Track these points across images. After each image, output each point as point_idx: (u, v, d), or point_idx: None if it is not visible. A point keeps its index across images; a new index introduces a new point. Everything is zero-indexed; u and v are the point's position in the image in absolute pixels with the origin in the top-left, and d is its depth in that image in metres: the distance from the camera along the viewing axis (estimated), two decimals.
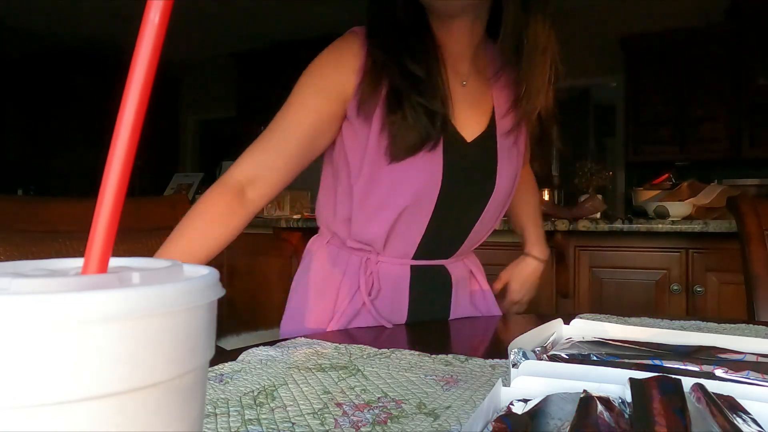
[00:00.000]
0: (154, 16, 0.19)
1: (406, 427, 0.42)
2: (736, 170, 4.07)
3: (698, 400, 0.32)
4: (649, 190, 2.49)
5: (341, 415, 0.44)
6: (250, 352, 0.62)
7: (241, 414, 0.44)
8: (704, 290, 1.96)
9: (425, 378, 0.54)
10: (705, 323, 0.79)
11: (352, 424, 0.42)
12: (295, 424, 0.42)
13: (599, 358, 0.43)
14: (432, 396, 0.49)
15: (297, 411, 0.45)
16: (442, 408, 0.46)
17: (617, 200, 4.52)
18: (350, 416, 0.44)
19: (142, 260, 0.23)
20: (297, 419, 0.43)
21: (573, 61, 4.70)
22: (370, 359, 0.60)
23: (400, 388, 0.51)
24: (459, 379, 0.53)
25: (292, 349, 0.63)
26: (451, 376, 0.54)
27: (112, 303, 0.16)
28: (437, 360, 0.60)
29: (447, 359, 0.60)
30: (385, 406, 0.46)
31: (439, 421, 0.43)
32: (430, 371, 0.56)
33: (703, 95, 4.00)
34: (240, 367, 0.57)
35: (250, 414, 0.44)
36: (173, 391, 0.19)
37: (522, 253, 1.15)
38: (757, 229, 1.15)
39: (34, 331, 0.15)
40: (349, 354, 0.62)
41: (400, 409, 0.45)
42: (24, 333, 0.15)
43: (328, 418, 0.43)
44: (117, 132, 0.19)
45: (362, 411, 0.45)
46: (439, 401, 0.47)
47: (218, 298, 0.21)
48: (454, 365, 0.59)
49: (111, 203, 0.19)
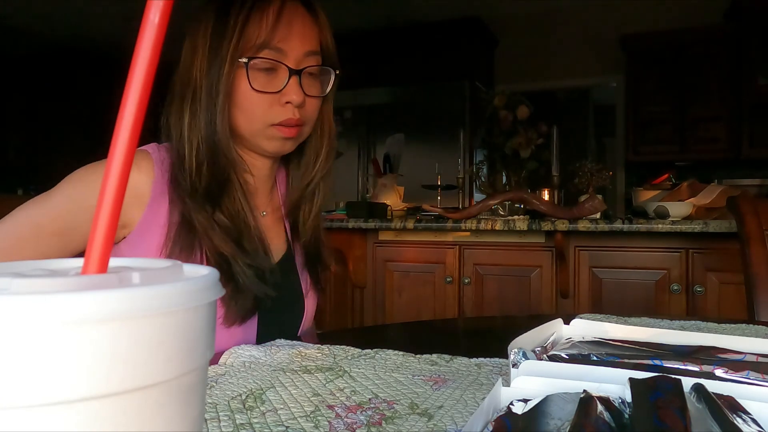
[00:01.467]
0: (154, 16, 0.19)
1: (401, 428, 0.42)
2: (736, 170, 4.07)
3: (698, 400, 0.32)
4: (649, 190, 2.49)
5: (334, 418, 0.44)
6: (232, 352, 0.62)
7: (231, 418, 0.43)
8: (704, 290, 1.96)
9: (413, 378, 0.54)
10: (705, 323, 0.79)
11: (346, 426, 0.42)
12: (288, 427, 0.42)
13: (599, 358, 0.43)
14: (422, 396, 0.49)
15: (289, 414, 0.44)
16: (434, 408, 0.46)
17: (617, 200, 4.52)
18: (344, 418, 0.43)
19: (142, 260, 0.23)
20: (290, 422, 0.43)
21: (573, 61, 4.73)
22: (355, 360, 0.60)
23: (390, 389, 0.51)
24: (447, 379, 0.53)
25: (275, 350, 0.63)
26: (438, 376, 0.55)
27: (112, 303, 0.16)
28: (422, 360, 0.60)
29: (432, 359, 0.60)
30: (377, 407, 0.46)
31: (433, 421, 0.43)
32: (417, 371, 0.56)
33: (703, 95, 4.00)
34: (224, 370, 0.56)
35: (240, 418, 0.43)
36: (173, 391, 0.19)
37: None
38: (757, 229, 1.15)
39: (34, 331, 0.15)
40: (333, 355, 0.62)
41: (393, 409, 0.45)
42: (24, 333, 0.15)
43: (322, 421, 0.43)
44: (117, 132, 0.19)
45: (355, 413, 0.45)
46: (431, 401, 0.47)
47: (218, 297, 0.21)
48: (440, 365, 0.59)
49: (111, 203, 0.19)
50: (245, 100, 0.76)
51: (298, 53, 0.77)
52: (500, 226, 2.09)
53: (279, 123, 0.77)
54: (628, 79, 4.28)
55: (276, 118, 0.77)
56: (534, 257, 2.15)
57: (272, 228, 0.87)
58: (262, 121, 0.77)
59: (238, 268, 0.74)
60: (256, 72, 0.76)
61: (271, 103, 0.76)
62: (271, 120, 0.77)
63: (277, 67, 0.76)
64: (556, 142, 2.44)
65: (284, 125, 0.77)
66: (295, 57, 0.77)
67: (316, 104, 0.81)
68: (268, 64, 0.76)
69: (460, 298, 2.24)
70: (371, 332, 0.82)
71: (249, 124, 0.78)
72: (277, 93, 0.76)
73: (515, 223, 2.07)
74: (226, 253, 0.74)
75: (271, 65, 0.76)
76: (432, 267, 2.29)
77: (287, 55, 0.76)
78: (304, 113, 0.79)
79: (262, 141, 0.79)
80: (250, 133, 0.78)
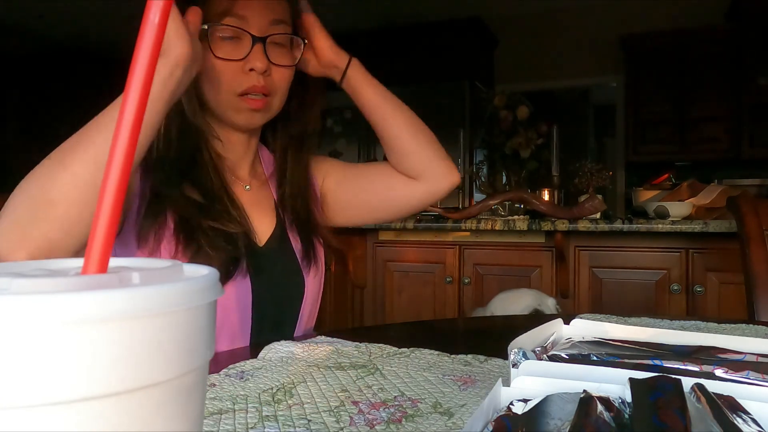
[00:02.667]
0: (154, 16, 0.19)
1: (420, 426, 0.42)
2: (736, 170, 4.07)
3: (698, 400, 0.32)
4: (649, 190, 2.49)
5: (357, 413, 0.44)
6: (271, 348, 0.63)
7: (258, 410, 0.45)
8: (704, 290, 1.96)
9: (443, 378, 0.54)
10: (705, 323, 0.79)
11: (367, 422, 0.42)
12: (311, 421, 0.43)
13: (599, 358, 0.43)
14: (448, 396, 0.49)
15: (314, 408, 0.45)
16: (457, 407, 0.46)
17: (617, 200, 4.52)
18: (365, 414, 0.44)
19: (142, 260, 0.23)
20: (313, 416, 0.44)
21: (573, 61, 4.73)
22: (389, 358, 0.60)
23: (417, 388, 0.51)
24: (477, 379, 0.53)
25: (313, 346, 0.64)
26: (469, 376, 0.54)
27: (112, 303, 0.16)
28: (456, 360, 0.60)
29: (467, 359, 0.60)
30: (401, 404, 0.46)
31: (453, 420, 0.43)
32: (449, 371, 0.56)
33: (703, 95, 4.00)
34: (261, 364, 0.58)
35: (267, 411, 0.45)
36: (173, 391, 0.19)
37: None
38: (757, 229, 1.15)
39: (34, 331, 0.15)
40: (369, 353, 0.62)
41: (416, 408, 0.46)
42: (24, 333, 0.15)
43: (344, 416, 0.44)
44: (117, 132, 0.19)
45: (378, 409, 0.45)
46: (455, 400, 0.48)
47: (218, 298, 0.21)
48: (473, 365, 0.58)
49: (111, 203, 0.19)
50: (211, 70, 0.76)
51: (263, 22, 0.77)
52: (500, 226, 2.09)
53: (244, 92, 0.77)
54: (628, 79, 4.28)
55: (240, 86, 0.76)
56: (534, 257, 2.15)
57: (259, 203, 0.85)
58: (228, 91, 0.77)
59: (201, 233, 0.74)
60: (220, 42, 0.76)
61: (236, 71, 0.76)
62: (236, 88, 0.77)
63: (241, 36, 0.76)
64: (556, 142, 2.44)
65: (251, 95, 0.77)
66: (259, 25, 0.77)
67: (286, 74, 0.81)
68: (231, 32, 0.76)
69: (460, 298, 2.24)
70: (369, 332, 0.82)
71: (216, 94, 0.78)
72: (241, 60, 0.76)
73: (515, 223, 2.07)
74: (188, 216, 0.74)
75: (234, 33, 0.76)
76: (432, 267, 2.29)
77: (249, 23, 0.76)
78: (271, 82, 0.78)
79: (231, 113, 0.79)
80: (218, 104, 0.78)
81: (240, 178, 0.85)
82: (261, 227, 0.83)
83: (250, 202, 0.83)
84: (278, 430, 0.41)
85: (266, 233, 0.83)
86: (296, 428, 0.41)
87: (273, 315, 0.82)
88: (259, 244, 0.82)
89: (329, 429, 0.41)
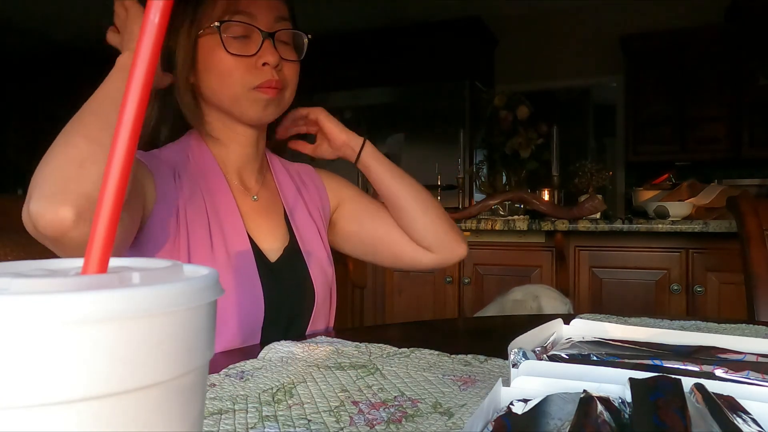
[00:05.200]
0: (154, 16, 0.19)
1: (420, 426, 0.42)
2: (736, 170, 4.07)
3: (698, 400, 0.32)
4: (649, 190, 2.49)
5: (357, 413, 0.44)
6: (271, 348, 0.63)
7: (258, 410, 0.45)
8: (704, 290, 1.96)
9: (443, 378, 0.54)
10: (705, 323, 0.79)
11: (366, 422, 0.43)
12: (311, 421, 0.43)
13: (599, 358, 0.43)
14: (448, 396, 0.49)
15: (314, 408, 0.45)
16: (457, 407, 0.46)
17: (617, 200, 4.52)
18: (365, 414, 0.44)
19: (142, 260, 0.23)
20: (313, 416, 0.44)
21: (573, 61, 4.72)
22: (389, 358, 0.61)
23: (417, 388, 0.51)
24: (477, 380, 0.53)
25: (313, 346, 0.64)
26: (469, 377, 0.54)
27: (112, 303, 0.16)
28: (456, 360, 0.60)
29: (466, 359, 0.60)
30: (401, 405, 0.47)
31: (453, 420, 0.43)
32: (449, 371, 0.56)
33: (703, 95, 4.00)
34: (261, 364, 0.58)
35: (267, 411, 0.45)
36: (173, 391, 0.19)
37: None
38: (757, 229, 1.15)
39: (34, 331, 0.15)
40: (369, 353, 0.62)
41: (416, 408, 0.46)
42: (24, 333, 0.15)
43: (344, 416, 0.44)
44: (117, 132, 0.19)
45: (378, 409, 0.45)
46: (455, 400, 0.48)
47: (218, 298, 0.21)
48: (473, 365, 0.58)
49: (111, 203, 0.19)
50: (222, 66, 0.77)
51: (269, 18, 0.79)
52: (500, 226, 2.09)
53: (259, 86, 0.78)
54: (628, 79, 4.28)
55: (255, 81, 0.77)
56: (534, 257, 2.15)
57: (268, 214, 0.85)
58: (242, 85, 0.77)
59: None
60: (229, 40, 0.77)
61: (248, 67, 0.77)
62: (251, 83, 0.77)
63: (250, 33, 0.78)
64: (556, 142, 2.44)
65: (265, 86, 0.78)
66: (266, 21, 0.78)
67: (294, 69, 0.82)
68: (241, 30, 0.77)
69: (460, 298, 2.24)
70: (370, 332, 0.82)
71: (228, 89, 0.78)
72: (253, 56, 0.77)
73: (515, 223, 2.07)
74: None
75: (244, 31, 0.78)
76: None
77: (258, 19, 0.78)
78: (283, 76, 0.80)
79: (244, 105, 0.79)
80: (231, 98, 0.78)
81: (248, 188, 0.85)
82: (272, 243, 0.82)
83: (258, 213, 0.83)
84: (278, 430, 0.41)
85: (278, 250, 0.82)
86: (296, 428, 0.42)
87: (285, 323, 0.81)
88: (271, 261, 0.81)
89: (329, 429, 0.41)
